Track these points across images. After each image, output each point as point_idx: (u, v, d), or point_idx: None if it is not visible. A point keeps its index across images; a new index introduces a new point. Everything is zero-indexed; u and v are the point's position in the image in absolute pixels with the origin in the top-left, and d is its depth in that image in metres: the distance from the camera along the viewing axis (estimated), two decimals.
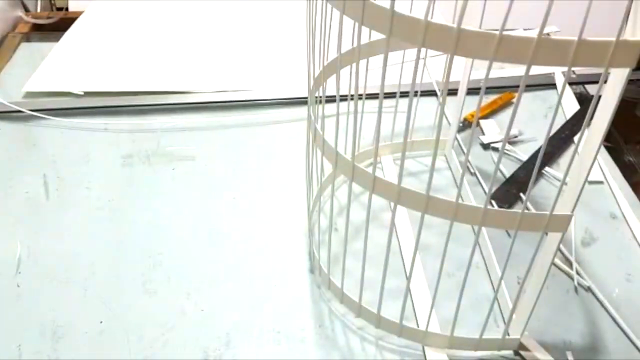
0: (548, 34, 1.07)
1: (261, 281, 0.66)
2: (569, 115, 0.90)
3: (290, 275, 0.66)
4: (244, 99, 0.94)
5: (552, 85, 0.97)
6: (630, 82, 0.38)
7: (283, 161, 0.82)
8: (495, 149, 0.85)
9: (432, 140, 0.82)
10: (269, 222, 0.73)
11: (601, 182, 0.79)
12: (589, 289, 0.65)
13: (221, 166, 0.81)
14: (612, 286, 0.66)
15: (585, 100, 0.95)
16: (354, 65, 0.48)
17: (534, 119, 0.90)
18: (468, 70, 0.72)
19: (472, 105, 0.87)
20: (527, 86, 0.93)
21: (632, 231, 0.72)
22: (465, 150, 0.84)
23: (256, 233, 0.71)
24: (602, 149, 0.85)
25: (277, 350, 0.59)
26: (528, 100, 0.94)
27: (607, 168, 0.81)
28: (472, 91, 0.74)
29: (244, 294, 0.64)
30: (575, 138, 0.87)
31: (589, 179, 0.79)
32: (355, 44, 0.45)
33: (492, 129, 0.87)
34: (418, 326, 0.59)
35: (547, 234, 0.49)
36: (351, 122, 0.49)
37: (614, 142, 0.87)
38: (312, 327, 0.61)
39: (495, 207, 0.73)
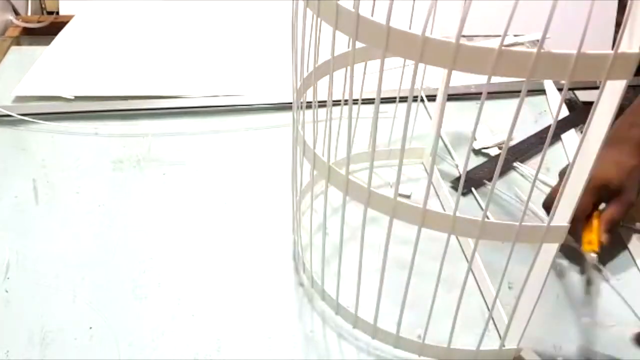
0: (538, 41, 1.08)
1: (253, 286, 0.66)
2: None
3: (282, 281, 0.66)
4: (235, 104, 0.94)
5: (542, 91, 0.98)
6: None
7: (275, 166, 0.82)
8: (486, 155, 0.85)
9: (412, 148, 0.82)
10: (260, 227, 0.73)
11: None
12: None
13: (212, 171, 0.81)
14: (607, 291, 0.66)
15: (575, 106, 0.96)
16: (334, 73, 0.48)
17: (525, 124, 0.90)
18: (445, 79, 0.71)
19: (456, 111, 0.87)
20: (517, 92, 0.94)
21: (619, 234, 0.73)
22: (453, 156, 0.84)
23: (247, 238, 0.71)
24: None
25: (268, 356, 0.59)
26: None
27: None
28: (461, 97, 0.74)
29: (235, 299, 0.64)
30: (564, 136, 0.88)
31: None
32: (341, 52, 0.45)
33: (484, 135, 0.88)
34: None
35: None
36: (334, 129, 0.49)
37: None
38: (303, 332, 0.61)
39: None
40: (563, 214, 0.46)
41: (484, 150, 0.85)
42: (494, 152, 0.85)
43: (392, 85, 0.71)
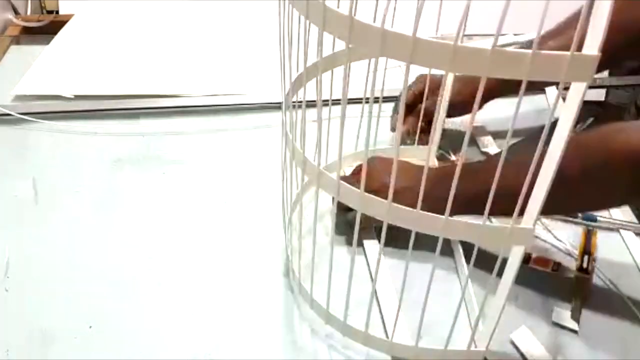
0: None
1: (253, 285, 0.66)
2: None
3: (283, 280, 0.66)
4: (235, 103, 0.94)
5: (542, 90, 0.98)
6: (619, 87, 0.39)
7: (275, 165, 0.81)
8: (485, 153, 0.85)
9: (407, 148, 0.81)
10: (261, 226, 0.73)
11: None
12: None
13: (212, 170, 0.81)
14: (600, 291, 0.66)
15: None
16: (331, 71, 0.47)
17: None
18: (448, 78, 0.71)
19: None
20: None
21: (620, 234, 0.73)
22: (451, 154, 0.84)
23: (248, 238, 0.71)
24: None
25: (268, 354, 0.59)
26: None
27: None
28: None
29: (236, 297, 0.64)
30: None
31: None
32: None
33: (486, 137, 0.87)
34: (387, 335, 0.59)
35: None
36: (326, 130, 0.49)
37: None
38: (305, 331, 0.61)
39: None
40: (530, 218, 0.45)
41: (483, 150, 0.85)
42: (493, 150, 0.85)
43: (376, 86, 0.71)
